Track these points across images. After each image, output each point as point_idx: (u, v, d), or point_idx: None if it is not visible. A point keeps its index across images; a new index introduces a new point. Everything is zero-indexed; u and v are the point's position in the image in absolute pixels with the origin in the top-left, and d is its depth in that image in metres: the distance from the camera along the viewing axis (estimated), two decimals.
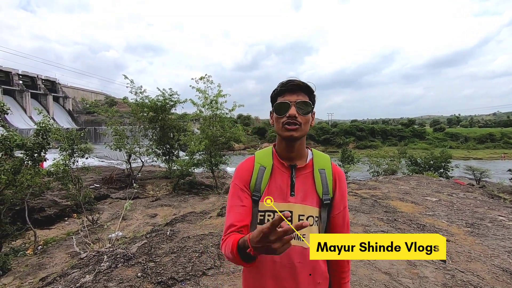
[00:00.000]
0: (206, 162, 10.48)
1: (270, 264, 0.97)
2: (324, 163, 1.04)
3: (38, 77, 55.27)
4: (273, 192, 1.00)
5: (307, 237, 0.96)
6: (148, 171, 15.35)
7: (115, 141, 11.49)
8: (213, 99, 9.98)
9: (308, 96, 1.00)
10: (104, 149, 14.40)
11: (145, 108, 12.23)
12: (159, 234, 4.05)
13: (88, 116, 54.90)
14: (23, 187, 5.53)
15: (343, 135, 58.40)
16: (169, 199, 9.69)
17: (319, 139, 59.27)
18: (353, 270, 2.96)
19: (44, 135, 5.41)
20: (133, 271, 2.92)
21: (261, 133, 64.25)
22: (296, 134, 0.96)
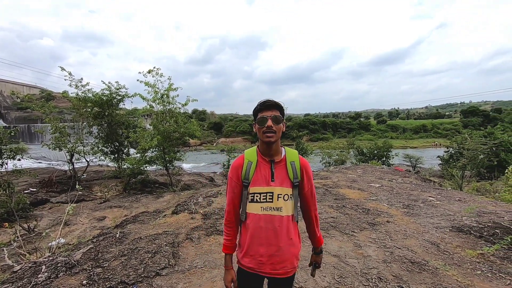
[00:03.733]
0: (159, 159, 10.03)
1: (259, 228, 1.41)
2: (293, 157, 1.48)
3: None
4: (259, 179, 1.43)
5: (283, 209, 1.40)
6: (95, 171, 14.21)
7: (54, 139, 10.36)
8: (164, 93, 9.55)
9: (280, 111, 1.42)
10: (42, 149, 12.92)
11: (89, 103, 11.22)
12: (107, 238, 3.78)
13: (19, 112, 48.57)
14: None
15: (297, 129, 60.61)
16: (120, 200, 9.11)
17: None
18: (305, 256, 3.11)
19: None
20: (77, 280, 2.69)
21: (217, 128, 63.58)
22: (273, 139, 1.39)
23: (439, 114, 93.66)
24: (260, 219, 1.40)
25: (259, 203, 1.40)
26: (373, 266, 2.86)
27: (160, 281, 2.67)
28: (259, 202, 1.40)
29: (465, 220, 4.11)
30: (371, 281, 2.61)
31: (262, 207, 1.40)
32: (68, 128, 11.47)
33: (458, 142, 15.53)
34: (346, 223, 4.14)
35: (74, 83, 10.81)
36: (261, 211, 1.39)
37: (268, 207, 1.39)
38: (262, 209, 1.39)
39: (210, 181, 15.29)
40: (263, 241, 1.40)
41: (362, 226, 4.01)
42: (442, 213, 4.55)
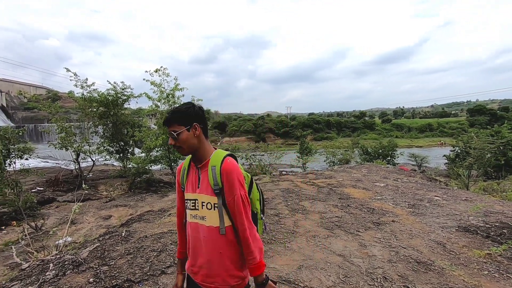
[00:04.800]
0: (164, 158, 10.09)
1: (190, 237, 1.36)
2: (215, 161, 1.30)
3: None
4: (189, 185, 1.37)
5: (207, 218, 1.29)
6: (100, 171, 14.35)
7: (60, 139, 10.48)
8: (169, 93, 9.60)
9: (181, 121, 1.29)
10: (48, 148, 13.07)
11: (94, 102, 11.33)
12: (113, 236, 3.83)
13: (26, 112, 49.20)
14: None
15: (301, 128, 60.46)
16: (125, 199, 9.18)
17: (278, 132, 60.61)
18: (310, 255, 3.11)
19: None
20: (84, 277, 2.73)
21: (222, 128, 63.70)
22: (183, 152, 1.32)
23: (445, 113, 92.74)
24: (190, 227, 1.34)
25: (189, 210, 1.34)
26: (378, 266, 2.85)
27: (166, 279, 2.69)
28: (189, 209, 1.34)
29: (472, 220, 4.06)
30: (376, 280, 2.60)
31: (191, 214, 1.33)
32: (74, 127, 11.59)
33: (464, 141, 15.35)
34: (351, 222, 4.13)
35: (80, 84, 10.92)
36: (190, 219, 1.34)
37: (195, 215, 1.32)
38: (191, 216, 1.33)
39: None
40: (193, 249, 1.34)
41: (367, 225, 4.00)
42: (448, 213, 4.50)
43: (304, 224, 4.06)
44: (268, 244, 3.46)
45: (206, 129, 1.37)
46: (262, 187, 7.00)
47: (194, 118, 1.30)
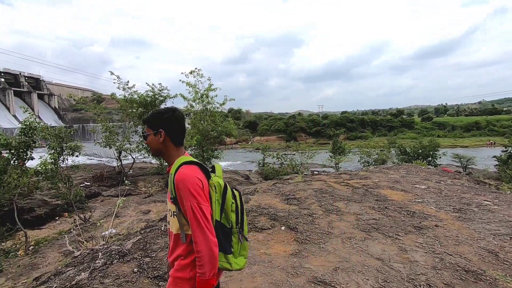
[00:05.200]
0: (198, 157, 10.44)
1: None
2: (173, 170, 1.29)
3: (21, 75, 53.51)
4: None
5: (171, 224, 1.33)
6: (140, 168, 15.20)
7: (105, 138, 11.29)
8: (203, 93, 9.91)
9: (150, 125, 1.38)
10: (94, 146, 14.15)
11: (134, 103, 12.04)
12: (153, 230, 4.05)
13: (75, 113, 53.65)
14: (10, 187, 5.41)
15: (333, 127, 58.89)
16: (162, 195, 9.65)
17: (310, 131, 59.65)
18: (346, 257, 3.03)
19: (30, 133, 5.28)
20: (128, 267, 2.92)
21: (253, 127, 64.22)
22: (151, 152, 1.45)
23: (495, 109, 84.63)
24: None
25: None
26: (421, 272, 2.70)
27: None
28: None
29: None
30: (419, 287, 2.46)
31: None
32: (117, 127, 12.43)
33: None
34: (390, 225, 3.95)
35: (122, 86, 11.66)
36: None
37: (167, 219, 1.40)
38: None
39: (246, 179, 15.53)
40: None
41: (407, 229, 3.80)
42: (501, 219, 4.12)
43: (339, 225, 3.97)
44: (302, 244, 3.43)
45: (176, 137, 1.37)
46: (294, 186, 6.95)
47: (161, 125, 1.35)
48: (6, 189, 5.21)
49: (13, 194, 5.59)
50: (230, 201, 1.36)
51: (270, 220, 4.27)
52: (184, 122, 1.47)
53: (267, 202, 5.43)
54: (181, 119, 1.43)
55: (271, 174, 15.36)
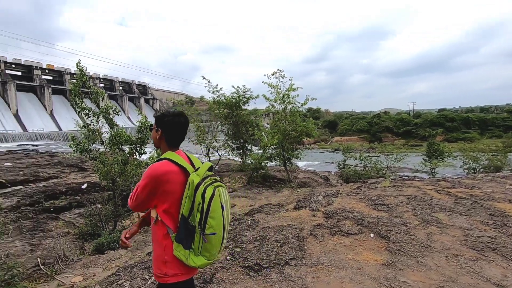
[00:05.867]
0: (278, 156, 10.67)
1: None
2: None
3: (133, 83, 64.55)
4: None
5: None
6: (224, 164, 16.45)
7: (196, 137, 12.65)
8: (285, 94, 10.06)
9: (155, 122, 1.62)
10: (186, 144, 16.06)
11: (221, 105, 13.11)
12: (241, 223, 4.34)
13: None
14: (129, 176, 6.61)
15: (428, 127, 51.67)
16: (245, 190, 10.23)
17: (398, 131, 53.88)
18: (452, 277, 2.65)
19: (144, 131, 6.33)
20: (222, 254, 3.21)
21: (332, 126, 61.85)
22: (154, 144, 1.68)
23: None
24: None
25: None
26: None
27: (290, 270, 2.86)
28: None
29: None
30: None
31: None
32: (206, 127, 13.77)
33: None
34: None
35: (211, 89, 12.85)
36: None
37: None
38: None
39: (325, 180, 15.10)
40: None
41: None
42: None
43: (441, 240, 3.49)
44: (395, 254, 3.15)
45: (171, 138, 1.56)
46: (382, 191, 6.41)
47: (161, 125, 1.56)
48: (127, 177, 6.38)
49: (131, 181, 6.81)
50: (198, 201, 1.38)
51: (356, 225, 4.06)
52: (183, 128, 1.59)
53: (352, 206, 5.17)
54: (180, 124, 1.56)
55: (353, 176, 14.52)
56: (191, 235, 1.40)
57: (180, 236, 1.41)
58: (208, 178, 1.47)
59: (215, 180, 1.51)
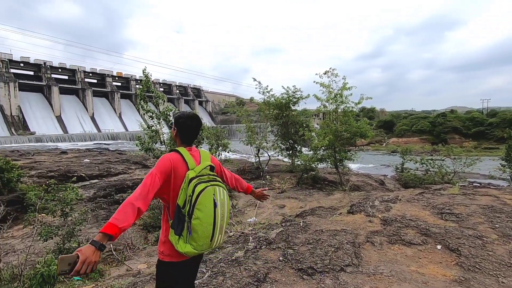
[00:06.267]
0: (330, 157, 10.33)
1: None
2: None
3: (189, 86, 68.85)
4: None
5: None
6: (273, 165, 16.52)
7: (247, 137, 12.94)
8: (337, 93, 9.70)
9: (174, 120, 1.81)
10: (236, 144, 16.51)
11: (271, 106, 13.19)
12: (293, 224, 4.31)
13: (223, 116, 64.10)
14: None
15: (507, 127, 44.84)
16: (294, 192, 10.13)
17: (468, 132, 47.92)
18: None
19: (200, 132, 6.72)
20: (275, 254, 3.23)
21: (388, 127, 57.71)
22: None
23: None
24: None
25: None
26: None
27: (345, 277, 2.74)
28: None
29: None
30: None
31: None
32: (256, 127, 14.00)
33: None
34: None
35: (262, 90, 13.02)
36: None
37: None
38: None
39: (380, 184, 14.15)
40: None
41: None
42: None
43: None
44: (469, 271, 2.80)
45: (183, 136, 1.77)
46: (449, 199, 5.75)
47: (176, 124, 1.77)
48: None
49: None
50: (189, 194, 1.53)
51: (420, 235, 3.72)
52: (195, 129, 1.78)
53: (413, 213, 4.75)
54: (191, 126, 1.77)
55: (413, 181, 13.33)
56: (182, 224, 1.55)
57: (174, 223, 1.59)
58: (206, 176, 1.63)
59: (213, 179, 1.65)
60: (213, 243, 1.60)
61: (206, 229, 1.54)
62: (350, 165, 15.78)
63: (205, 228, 1.53)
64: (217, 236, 1.60)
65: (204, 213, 1.53)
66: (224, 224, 1.66)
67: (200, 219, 1.52)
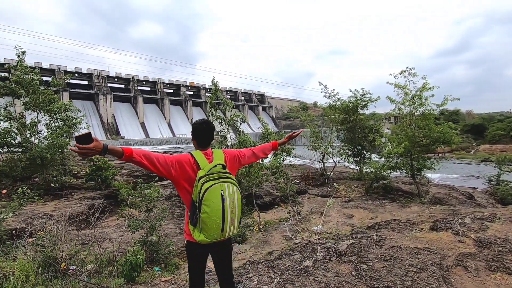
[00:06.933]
0: (405, 166, 9.34)
1: None
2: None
3: (253, 93, 71.17)
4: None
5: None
6: (339, 172, 15.77)
7: (312, 142, 12.67)
8: (415, 94, 8.74)
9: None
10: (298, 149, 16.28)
11: (337, 110, 12.66)
12: (365, 237, 4.00)
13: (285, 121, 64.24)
14: (252, 178, 7.23)
15: None
16: (363, 201, 9.46)
17: None
18: None
19: (267, 137, 6.81)
20: (346, 268, 3.03)
21: (477, 132, 49.66)
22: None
23: None
24: None
25: None
26: None
27: None
28: None
29: None
30: None
31: None
32: (321, 132, 13.60)
33: None
34: None
35: (327, 94, 12.62)
36: None
37: None
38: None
39: (468, 197, 12.18)
40: None
41: None
42: None
43: None
44: None
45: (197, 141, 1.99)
46: None
47: (192, 130, 2.00)
48: (250, 178, 7.02)
49: (253, 183, 7.44)
50: (198, 190, 1.75)
51: None
52: (205, 133, 1.97)
53: None
54: (202, 130, 1.97)
55: None
56: (195, 216, 1.76)
57: (190, 215, 1.83)
58: (216, 174, 1.80)
59: (224, 176, 1.82)
60: (225, 233, 1.79)
61: (215, 222, 1.74)
62: (430, 174, 14.02)
63: (213, 221, 1.73)
64: (228, 227, 1.79)
65: (211, 208, 1.73)
66: (236, 217, 1.83)
67: (208, 213, 1.72)
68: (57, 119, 9.63)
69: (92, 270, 3.91)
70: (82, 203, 8.04)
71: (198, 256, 1.94)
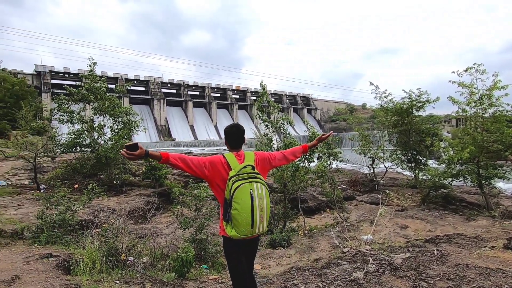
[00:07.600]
0: (470, 173, 8.34)
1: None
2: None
3: (298, 95, 70.35)
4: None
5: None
6: (391, 178, 14.72)
7: (361, 146, 12.05)
8: (484, 94, 7.76)
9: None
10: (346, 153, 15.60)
11: (390, 112, 11.86)
12: (423, 251, 3.65)
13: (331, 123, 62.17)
14: (297, 181, 7.13)
15: None
16: (419, 211, 8.68)
17: None
18: None
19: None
20: (402, 284, 2.80)
21: None
22: None
23: None
24: None
25: None
26: None
27: None
28: None
29: None
30: None
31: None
32: (371, 136, 12.85)
33: None
34: None
35: (379, 95, 11.90)
36: None
37: None
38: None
39: None
40: None
41: None
42: None
43: None
44: None
45: (229, 141, 2.13)
46: None
47: (224, 133, 2.14)
48: (296, 182, 6.93)
49: (298, 186, 7.32)
50: (229, 189, 1.88)
51: None
52: (234, 135, 2.11)
53: None
54: (231, 133, 2.12)
55: None
56: (227, 213, 1.89)
57: (223, 211, 1.96)
58: (245, 174, 1.92)
59: (253, 176, 1.93)
60: (255, 230, 1.90)
61: (245, 219, 1.85)
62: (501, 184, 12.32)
63: (243, 218, 1.85)
64: (257, 224, 1.89)
65: (241, 205, 1.84)
66: (265, 215, 1.93)
67: (238, 210, 1.84)
68: (119, 122, 10.68)
69: (147, 262, 4.22)
70: (139, 199, 8.75)
71: (232, 249, 2.04)
